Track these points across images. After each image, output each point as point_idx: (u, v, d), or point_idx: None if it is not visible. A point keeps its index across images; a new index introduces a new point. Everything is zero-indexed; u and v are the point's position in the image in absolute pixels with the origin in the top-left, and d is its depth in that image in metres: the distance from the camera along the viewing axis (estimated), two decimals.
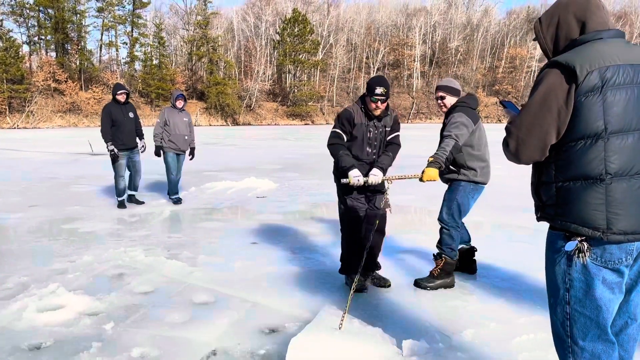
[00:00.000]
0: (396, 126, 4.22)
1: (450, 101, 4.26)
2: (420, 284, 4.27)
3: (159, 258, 5.00)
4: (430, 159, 3.81)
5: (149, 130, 8.19)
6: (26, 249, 5.45)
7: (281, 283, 4.31)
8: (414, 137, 29.96)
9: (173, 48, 70.19)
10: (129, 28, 62.85)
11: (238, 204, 8.37)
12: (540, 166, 1.98)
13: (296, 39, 67.19)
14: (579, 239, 1.85)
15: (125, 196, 7.92)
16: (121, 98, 7.74)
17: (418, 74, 77.77)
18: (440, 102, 4.32)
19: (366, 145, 4.11)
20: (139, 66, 62.95)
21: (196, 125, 33.78)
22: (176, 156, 8.11)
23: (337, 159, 4.05)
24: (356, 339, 2.98)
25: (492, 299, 3.95)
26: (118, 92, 7.74)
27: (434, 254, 4.38)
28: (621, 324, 2.04)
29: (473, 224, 4.69)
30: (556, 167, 1.91)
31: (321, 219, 7.09)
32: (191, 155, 8.33)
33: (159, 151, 8.04)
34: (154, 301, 3.90)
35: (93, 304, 3.77)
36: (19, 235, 6.10)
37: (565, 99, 1.81)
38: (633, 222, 1.80)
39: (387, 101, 4.03)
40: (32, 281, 4.27)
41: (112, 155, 7.63)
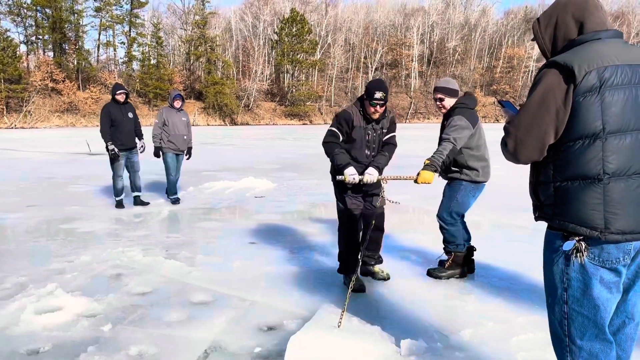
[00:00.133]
0: (392, 127, 4.26)
1: (449, 102, 4.27)
2: (432, 273, 4.48)
3: (157, 258, 5.00)
4: (427, 161, 3.84)
5: (147, 130, 8.18)
6: (24, 249, 5.45)
7: (280, 282, 4.32)
8: (412, 136, 29.98)
9: (171, 48, 70.17)
10: (126, 28, 62.86)
11: (236, 203, 8.36)
12: (539, 166, 1.98)
13: (294, 38, 67.20)
14: (576, 238, 1.86)
15: (123, 196, 7.90)
16: (120, 98, 7.72)
17: (416, 74, 77.86)
18: (439, 103, 4.34)
19: (365, 148, 4.14)
20: (136, 66, 62.96)
21: (194, 125, 33.82)
22: (175, 156, 8.10)
23: (332, 157, 4.08)
24: (355, 337, 2.98)
25: (490, 298, 3.96)
26: (117, 92, 7.73)
27: (444, 247, 4.49)
28: (619, 323, 2.05)
29: (472, 223, 4.71)
30: (554, 167, 1.91)
31: (320, 218, 7.10)
32: (188, 154, 8.33)
33: (158, 152, 8.02)
34: (152, 301, 3.89)
35: (91, 305, 3.76)
36: (17, 235, 6.10)
37: (564, 99, 1.82)
38: (631, 222, 1.81)
39: (385, 104, 4.05)
40: (30, 281, 4.27)
41: (112, 155, 7.60)
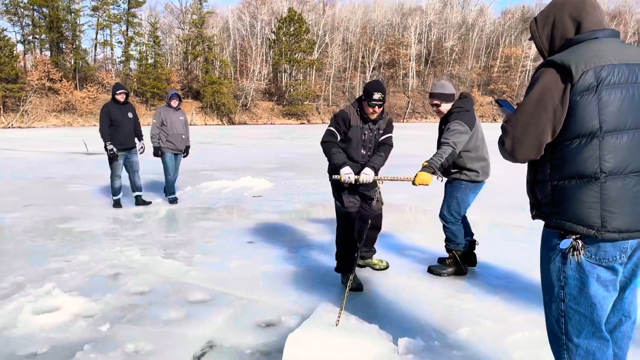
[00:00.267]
0: (388, 128, 4.30)
1: (445, 107, 4.31)
2: (433, 270, 4.52)
3: (155, 257, 5.00)
4: (425, 163, 3.87)
5: (146, 130, 8.16)
6: (22, 248, 5.44)
7: (278, 282, 4.32)
8: (410, 136, 30.01)
9: (168, 47, 70.04)
10: (124, 27, 62.73)
11: (234, 203, 8.36)
12: (536, 165, 1.99)
13: (292, 38, 67.15)
14: (573, 237, 1.87)
15: (121, 195, 7.89)
16: (120, 98, 7.71)
17: (413, 73, 77.90)
18: (435, 108, 4.38)
19: (361, 148, 4.19)
20: (134, 65, 62.84)
21: (192, 125, 33.81)
22: (174, 156, 8.10)
23: (329, 156, 4.12)
24: (353, 335, 2.99)
25: (487, 297, 3.97)
26: (117, 92, 7.72)
27: (445, 246, 4.53)
28: (615, 321, 2.06)
29: (470, 222, 4.73)
30: (551, 165, 1.92)
31: (317, 218, 7.10)
32: (185, 153, 8.33)
33: (158, 152, 8.00)
34: (150, 300, 3.90)
35: (89, 305, 3.76)
36: (15, 234, 6.09)
37: (561, 98, 1.83)
38: (627, 221, 1.82)
39: (383, 105, 4.09)
40: (28, 281, 4.26)
41: (111, 155, 7.59)
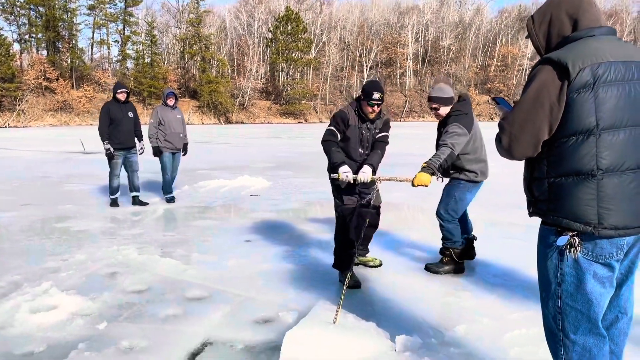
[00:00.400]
0: (385, 127, 4.38)
1: (444, 111, 4.35)
2: (430, 268, 4.54)
3: (153, 256, 4.99)
4: (424, 164, 3.91)
5: (143, 130, 8.14)
6: (19, 247, 5.43)
7: (275, 280, 4.32)
8: (407, 135, 30.05)
9: (165, 46, 69.96)
10: (120, 26, 62.63)
11: (231, 202, 8.36)
12: (533, 162, 2.00)
13: (289, 37, 67.16)
14: (570, 233, 1.88)
15: (118, 194, 7.88)
16: (121, 97, 7.69)
17: (411, 73, 77.99)
18: (434, 112, 4.42)
19: (359, 146, 4.28)
20: (130, 64, 62.77)
21: (189, 124, 33.75)
22: (172, 155, 8.08)
23: (328, 155, 4.20)
24: (350, 333, 3.00)
25: (484, 295, 3.98)
26: (118, 91, 7.70)
27: (442, 244, 4.55)
28: (612, 318, 2.07)
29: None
30: (548, 163, 1.92)
31: (315, 216, 7.10)
32: (184, 151, 8.32)
33: (157, 151, 7.96)
34: (147, 298, 3.89)
35: (86, 303, 3.75)
36: (11, 234, 6.07)
37: (558, 95, 1.83)
38: (624, 217, 1.82)
39: (382, 105, 4.17)
40: (25, 280, 4.25)
41: (107, 154, 7.59)
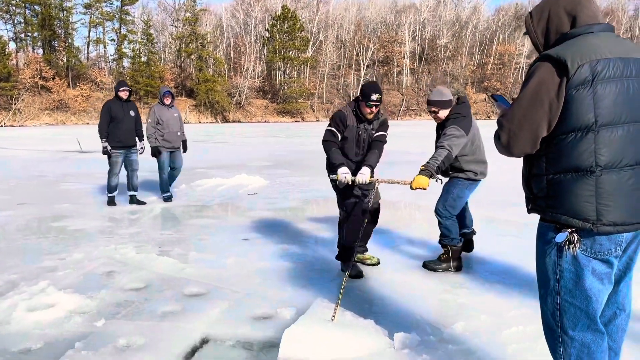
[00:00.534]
0: (382, 127, 4.46)
1: (443, 114, 4.40)
2: (428, 265, 4.55)
3: (150, 255, 4.98)
4: (422, 167, 3.96)
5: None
6: (15, 246, 5.41)
7: (273, 278, 4.32)
8: (404, 133, 30.07)
9: (161, 45, 69.79)
10: (116, 25, 62.42)
11: (229, 200, 8.35)
12: (532, 159, 2.00)
13: (286, 35, 67.09)
14: (569, 230, 1.88)
15: (116, 193, 7.86)
16: (123, 95, 7.67)
17: (407, 71, 78.04)
18: (434, 115, 4.46)
19: (356, 147, 4.39)
20: (127, 63, 62.61)
21: (186, 123, 33.68)
22: (169, 154, 8.06)
23: (328, 155, 4.30)
24: (349, 331, 3.01)
25: (482, 292, 3.99)
26: (121, 89, 7.68)
27: (440, 241, 4.58)
28: (610, 314, 2.08)
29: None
30: (547, 159, 1.93)
31: (312, 215, 7.10)
32: (184, 148, 8.30)
33: (156, 152, 7.90)
34: (145, 296, 3.89)
35: (83, 302, 3.74)
36: (8, 233, 6.05)
37: (557, 92, 1.83)
38: (622, 214, 1.83)
39: (380, 106, 4.26)
40: (22, 279, 4.24)
41: (104, 152, 7.58)
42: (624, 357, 2.21)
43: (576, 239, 1.87)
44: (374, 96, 4.13)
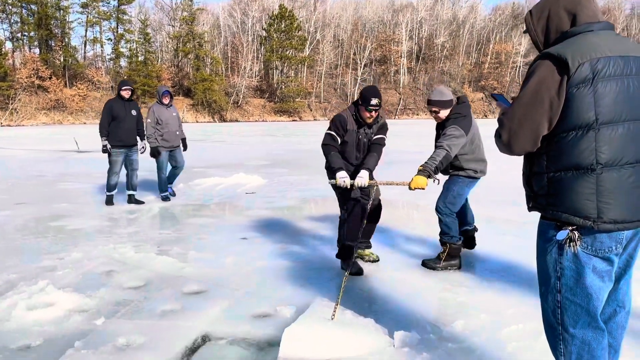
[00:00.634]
0: (380, 131, 4.50)
1: (444, 113, 4.43)
2: (427, 264, 4.57)
3: (149, 254, 4.98)
4: (420, 167, 4.00)
5: None
6: (14, 246, 5.40)
7: (273, 277, 4.33)
8: (402, 132, 30.08)
9: (159, 44, 69.61)
10: (113, 24, 62.27)
11: (227, 200, 8.34)
12: (532, 157, 2.00)
13: (283, 35, 67.03)
14: (570, 228, 1.88)
15: (115, 192, 7.84)
16: (125, 94, 7.66)
17: (405, 70, 78.05)
18: (434, 115, 4.50)
19: (355, 150, 4.44)
20: (124, 62, 62.44)
21: (183, 122, 33.70)
22: (168, 153, 8.05)
23: (328, 159, 4.34)
24: (349, 329, 3.01)
25: (481, 290, 4.00)
26: (123, 88, 7.67)
27: (440, 239, 4.61)
28: (610, 311, 2.08)
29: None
30: (548, 157, 1.93)
31: (311, 214, 7.11)
32: (184, 146, 8.29)
33: (156, 152, 7.88)
34: (144, 295, 3.89)
35: (83, 300, 3.74)
36: (6, 232, 6.03)
37: (557, 90, 1.84)
38: (623, 211, 1.83)
39: (379, 110, 4.30)
40: (21, 279, 4.23)
41: (104, 151, 7.57)
42: (623, 354, 2.22)
43: (577, 236, 1.87)
44: (374, 101, 4.18)
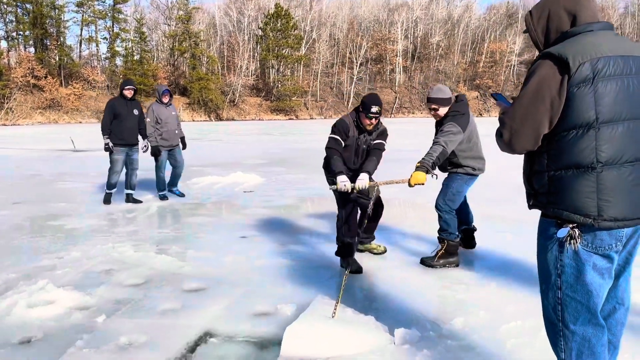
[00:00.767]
0: (381, 136, 4.58)
1: (443, 111, 4.49)
2: (425, 262, 4.60)
3: (149, 253, 4.99)
4: (418, 164, 4.07)
5: None
6: (12, 246, 5.39)
7: (272, 275, 4.34)
8: (397, 131, 30.09)
9: (155, 43, 69.43)
10: (109, 23, 62.06)
11: (225, 198, 8.35)
12: (533, 155, 2.02)
13: (279, 33, 66.98)
14: (570, 225, 1.90)
15: (114, 190, 7.84)
16: (128, 93, 7.64)
17: (400, 69, 78.09)
18: (433, 112, 4.55)
19: (354, 156, 4.51)
20: (120, 62, 62.25)
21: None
22: (168, 152, 8.04)
23: (330, 162, 4.39)
24: (350, 327, 3.03)
25: (480, 287, 4.03)
26: (126, 87, 7.66)
27: (438, 236, 4.65)
28: (609, 308, 2.10)
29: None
30: (548, 156, 1.95)
31: (309, 212, 7.12)
32: (183, 145, 8.29)
33: (157, 151, 7.87)
34: (144, 293, 3.90)
35: (83, 298, 3.75)
36: (4, 232, 6.02)
37: (558, 89, 1.86)
38: (623, 209, 1.85)
39: (379, 117, 4.38)
40: (20, 278, 4.23)
41: (106, 149, 7.57)
42: (622, 351, 2.25)
43: (577, 234, 1.90)
44: (374, 108, 4.25)
